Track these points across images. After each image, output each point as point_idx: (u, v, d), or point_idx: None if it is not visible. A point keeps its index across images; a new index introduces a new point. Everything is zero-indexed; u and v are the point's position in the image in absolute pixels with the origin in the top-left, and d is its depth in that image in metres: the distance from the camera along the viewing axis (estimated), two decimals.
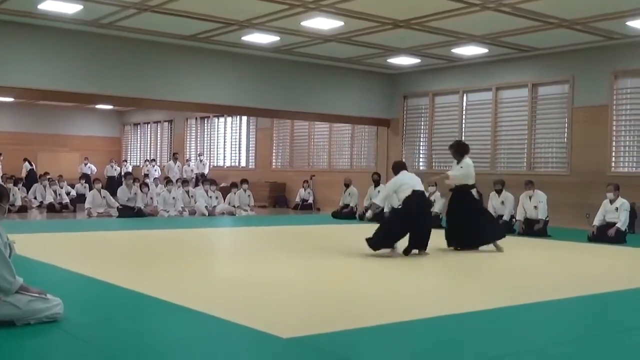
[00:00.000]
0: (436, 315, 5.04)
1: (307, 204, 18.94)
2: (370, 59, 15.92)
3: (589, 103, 13.90)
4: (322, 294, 5.95)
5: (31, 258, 7.50)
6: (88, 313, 4.93)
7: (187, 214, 15.73)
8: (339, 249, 9.43)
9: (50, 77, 13.23)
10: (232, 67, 15.44)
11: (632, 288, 6.57)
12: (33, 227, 12.48)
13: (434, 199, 13.14)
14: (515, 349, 4.17)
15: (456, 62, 15.91)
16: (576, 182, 13.90)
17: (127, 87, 14.07)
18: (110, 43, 13.70)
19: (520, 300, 5.72)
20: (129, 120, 28.73)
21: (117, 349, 3.91)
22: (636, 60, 13.21)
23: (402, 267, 7.62)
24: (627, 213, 11.10)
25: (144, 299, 5.41)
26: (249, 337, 4.30)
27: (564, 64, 14.29)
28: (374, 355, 3.94)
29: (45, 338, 4.14)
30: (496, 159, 15.75)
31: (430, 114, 17.15)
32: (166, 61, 14.49)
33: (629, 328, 5.00)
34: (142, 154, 27.95)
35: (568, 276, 7.42)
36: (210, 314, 4.82)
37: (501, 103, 15.71)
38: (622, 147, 13.71)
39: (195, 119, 24.80)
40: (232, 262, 8.31)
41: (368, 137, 18.97)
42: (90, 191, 15.94)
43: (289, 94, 16.21)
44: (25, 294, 4.34)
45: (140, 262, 7.82)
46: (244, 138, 22.91)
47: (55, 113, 26.34)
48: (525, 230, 11.97)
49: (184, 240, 10.47)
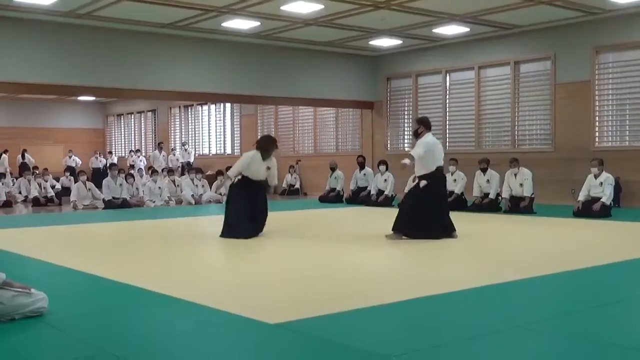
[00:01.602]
0: (422, 295, 5.05)
1: (294, 189, 18.94)
2: (351, 41, 15.86)
3: (572, 79, 13.93)
4: (309, 279, 5.94)
5: (16, 253, 7.45)
6: (74, 306, 4.90)
7: (173, 203, 15.67)
8: (326, 234, 9.44)
9: (29, 70, 13.10)
10: (213, 54, 15.34)
11: (618, 261, 6.62)
12: (18, 221, 12.40)
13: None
14: (501, 326, 4.19)
15: (438, 42, 15.88)
16: (561, 158, 13.96)
17: (108, 78, 13.95)
18: (89, 34, 13.56)
19: (506, 277, 5.75)
20: (112, 111, 28.54)
21: (104, 341, 3.89)
22: (617, 35, 13.23)
23: (387, 250, 7.63)
24: (612, 187, 11.18)
25: (131, 291, 5.38)
26: (236, 324, 4.29)
27: (546, 40, 14.30)
28: (361, 337, 3.95)
29: (30, 333, 4.11)
30: (481, 137, 15.78)
31: (414, 95, 17.14)
32: (146, 50, 14.37)
33: (613, 301, 5.03)
34: (127, 145, 27.80)
35: (554, 252, 7.47)
36: (197, 302, 4.80)
37: (484, 81, 15.72)
38: (605, 121, 13.76)
39: (178, 107, 24.67)
40: (219, 250, 8.29)
41: (352, 120, 18.95)
42: (75, 184, 15.84)
43: (272, 79, 16.14)
44: (9, 289, 4.29)
45: (126, 254, 7.79)
46: (228, 125, 22.82)
47: (38, 106, 26.13)
48: (511, 207, 12.04)
49: (171, 230, 10.44)
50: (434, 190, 8.44)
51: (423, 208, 8.32)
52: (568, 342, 3.86)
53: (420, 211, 8.31)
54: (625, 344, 3.79)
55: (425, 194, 8.39)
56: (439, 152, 8.53)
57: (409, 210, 8.41)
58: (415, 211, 8.33)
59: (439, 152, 8.53)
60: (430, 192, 8.39)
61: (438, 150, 8.52)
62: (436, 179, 8.49)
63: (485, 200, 12.52)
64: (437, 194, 8.52)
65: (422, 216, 8.28)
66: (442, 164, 8.52)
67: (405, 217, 8.36)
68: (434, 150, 8.41)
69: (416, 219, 8.27)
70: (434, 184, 8.43)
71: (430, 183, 8.39)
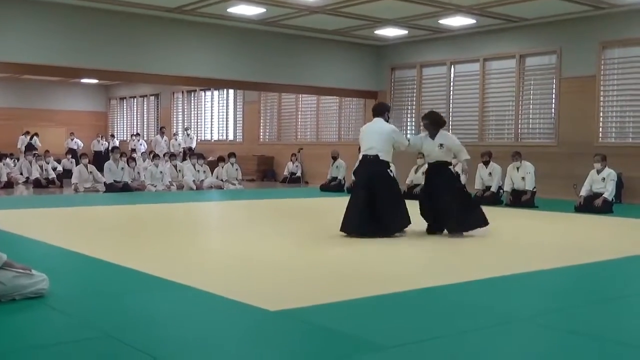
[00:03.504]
0: (423, 286, 5.05)
1: (296, 177, 18.94)
2: (357, 30, 15.80)
3: (577, 74, 13.88)
4: (310, 267, 5.95)
5: (17, 234, 7.46)
6: (74, 288, 4.91)
7: (174, 188, 15.68)
8: (327, 222, 9.42)
9: (33, 51, 13.04)
10: (218, 40, 15.29)
11: (618, 257, 6.61)
12: (19, 202, 12.41)
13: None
14: (500, 319, 4.19)
15: (443, 33, 15.82)
16: (563, 153, 13.93)
17: (112, 61, 13.90)
18: (94, 16, 13.50)
19: (507, 270, 5.74)
20: (115, 95, 28.49)
21: (104, 323, 3.90)
22: (624, 30, 13.18)
23: (390, 241, 7.62)
24: (614, 183, 11.16)
25: (131, 274, 5.39)
26: (237, 310, 4.29)
27: (552, 34, 14.24)
28: (361, 326, 3.94)
29: (31, 314, 4.11)
30: (484, 130, 15.75)
31: (418, 86, 17.09)
32: (152, 34, 14.32)
33: (614, 297, 5.04)
34: (129, 129, 27.78)
35: (554, 246, 7.46)
36: (198, 287, 4.80)
37: (489, 74, 15.68)
38: (609, 117, 13.73)
39: (182, 92, 24.62)
40: (220, 236, 8.30)
41: (355, 110, 18.91)
42: (77, 166, 15.84)
43: (276, 66, 16.09)
44: (9, 270, 4.29)
45: (127, 237, 7.79)
46: (231, 111, 22.78)
47: (40, 88, 26.07)
48: (513, 201, 12.02)
49: (172, 215, 10.44)
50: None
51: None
52: (567, 337, 3.86)
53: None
54: (625, 341, 3.79)
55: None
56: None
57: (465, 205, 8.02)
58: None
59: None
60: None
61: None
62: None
63: (486, 194, 12.50)
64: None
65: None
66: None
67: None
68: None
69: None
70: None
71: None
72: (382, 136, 7.82)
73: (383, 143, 7.79)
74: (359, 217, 7.63)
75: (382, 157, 7.78)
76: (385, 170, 7.89)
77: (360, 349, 3.53)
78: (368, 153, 7.77)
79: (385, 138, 7.83)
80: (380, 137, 7.81)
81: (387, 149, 7.83)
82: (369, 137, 7.85)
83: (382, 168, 7.80)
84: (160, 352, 3.37)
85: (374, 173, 7.77)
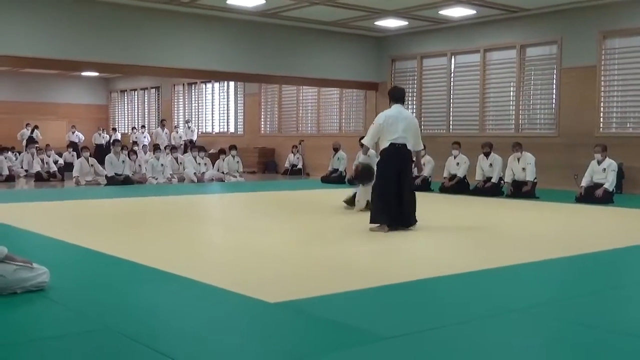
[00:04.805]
0: (421, 277, 5.07)
1: (297, 169, 18.96)
2: (357, 21, 15.78)
3: (577, 64, 13.86)
4: (310, 259, 5.96)
5: (18, 227, 7.48)
6: (75, 281, 4.93)
7: (175, 180, 15.69)
8: (328, 214, 9.45)
9: (33, 44, 13.04)
10: (218, 32, 15.27)
11: (618, 247, 6.62)
12: (20, 196, 12.43)
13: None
14: (499, 309, 4.20)
15: (444, 23, 15.79)
16: (564, 144, 13.92)
17: (112, 53, 13.90)
18: (94, 8, 13.50)
19: (505, 261, 5.76)
20: (116, 87, 28.48)
21: (105, 316, 3.92)
22: (624, 20, 13.15)
23: (390, 233, 7.62)
24: (615, 173, 11.16)
25: (132, 266, 5.41)
26: (236, 302, 4.31)
27: (552, 24, 14.21)
28: (361, 318, 3.96)
29: (32, 307, 4.13)
30: (484, 121, 15.74)
31: (418, 77, 17.07)
32: (151, 27, 14.31)
33: (613, 287, 5.05)
34: (130, 121, 27.78)
35: (555, 237, 7.47)
36: (198, 280, 4.82)
37: (489, 65, 15.66)
38: (610, 108, 13.71)
39: (182, 85, 24.61)
40: (220, 228, 8.31)
41: (356, 101, 18.90)
42: (78, 159, 15.85)
43: (276, 58, 16.08)
44: (10, 263, 4.31)
45: (128, 230, 7.81)
46: (232, 104, 22.78)
47: (41, 81, 26.07)
48: (514, 192, 12.02)
49: (173, 207, 10.46)
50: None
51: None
52: (566, 327, 3.87)
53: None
54: (624, 330, 3.80)
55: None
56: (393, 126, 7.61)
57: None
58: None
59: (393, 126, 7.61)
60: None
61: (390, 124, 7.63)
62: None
63: (487, 184, 12.50)
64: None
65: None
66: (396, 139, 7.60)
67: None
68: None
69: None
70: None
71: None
72: (410, 125, 7.65)
73: (411, 133, 7.61)
74: (394, 208, 7.46)
75: (409, 147, 7.63)
76: (411, 161, 7.82)
77: (361, 339, 3.55)
78: (397, 142, 7.51)
79: (413, 128, 7.68)
80: (409, 127, 7.62)
81: (411, 140, 7.64)
82: (399, 124, 7.54)
83: (410, 158, 7.69)
84: (161, 344, 3.39)
85: (404, 163, 7.59)
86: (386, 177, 7.54)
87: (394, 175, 7.51)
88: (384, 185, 7.58)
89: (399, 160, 7.56)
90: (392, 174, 7.51)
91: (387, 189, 7.52)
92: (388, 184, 7.53)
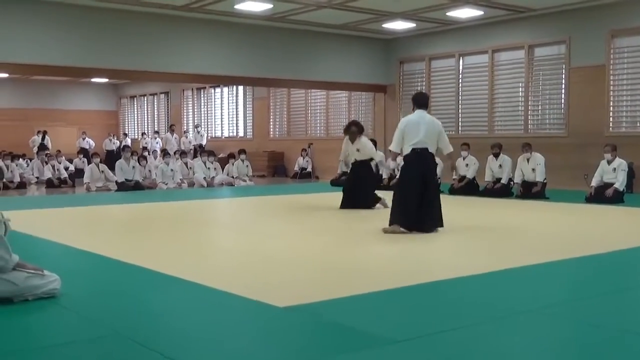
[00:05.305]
0: (432, 280, 5.06)
1: (306, 173, 18.97)
2: (365, 24, 15.79)
3: (586, 63, 13.81)
4: (320, 262, 5.97)
5: (30, 234, 7.52)
6: (87, 287, 4.95)
7: (185, 185, 15.74)
8: (337, 217, 9.45)
9: (43, 52, 13.15)
10: (226, 37, 15.33)
11: (629, 248, 6.59)
12: (32, 203, 12.49)
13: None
14: (511, 310, 4.20)
15: (452, 25, 15.78)
16: (574, 144, 13.87)
17: (121, 60, 13.98)
18: (103, 15, 13.58)
19: (517, 262, 5.74)
20: (126, 93, 28.60)
21: (116, 322, 3.94)
22: (633, 19, 13.10)
23: (395, 236, 7.62)
24: (625, 173, 11.11)
25: (143, 272, 5.43)
26: (247, 306, 4.32)
27: (560, 24, 14.18)
28: (372, 321, 3.96)
29: (43, 314, 4.16)
30: (493, 122, 15.71)
31: (427, 79, 17.06)
32: (160, 32, 14.38)
33: (625, 288, 5.02)
34: (140, 127, 27.89)
35: (566, 238, 7.45)
36: (208, 285, 4.84)
37: (498, 65, 15.63)
38: (620, 107, 13.65)
39: (191, 89, 24.69)
40: (230, 233, 8.33)
41: (365, 104, 18.91)
42: (88, 165, 15.92)
43: (284, 62, 16.11)
44: (22, 271, 4.34)
45: (138, 235, 7.84)
46: (241, 108, 22.83)
47: (51, 88, 26.22)
48: (524, 192, 11.99)
49: (183, 213, 10.48)
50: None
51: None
52: (580, 328, 3.87)
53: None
54: (637, 330, 3.78)
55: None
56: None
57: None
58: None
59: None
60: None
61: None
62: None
63: (497, 186, 12.48)
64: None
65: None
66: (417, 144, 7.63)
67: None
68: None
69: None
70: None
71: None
72: (434, 130, 7.68)
73: (433, 137, 7.66)
74: (413, 213, 7.51)
75: (430, 150, 7.68)
76: (435, 165, 7.99)
77: (371, 342, 3.55)
78: (418, 146, 7.55)
79: (436, 132, 7.71)
80: (431, 131, 7.64)
81: (434, 144, 7.71)
82: (420, 129, 7.56)
83: (433, 162, 7.80)
84: (171, 349, 3.40)
85: (428, 167, 7.66)
86: (407, 182, 7.63)
87: (416, 181, 7.56)
88: (404, 190, 7.67)
89: (421, 165, 7.61)
90: (414, 179, 7.57)
91: (408, 193, 7.59)
92: (409, 188, 7.60)
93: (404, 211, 7.54)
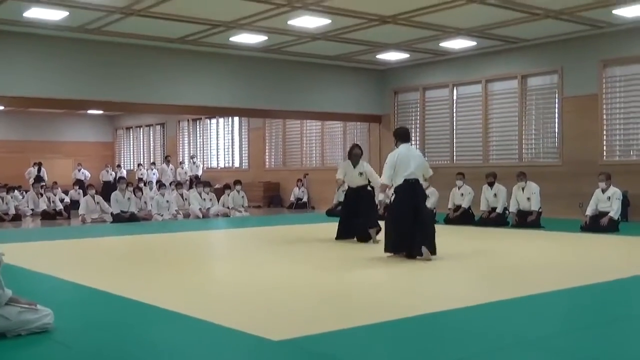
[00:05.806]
0: (426, 312, 5.05)
1: (302, 203, 18.97)
2: (359, 55, 15.92)
3: (579, 93, 13.92)
4: (316, 294, 5.95)
5: (24, 267, 7.49)
6: (80, 321, 4.92)
7: (181, 216, 15.72)
8: (332, 249, 9.44)
9: (39, 85, 13.22)
10: (221, 68, 15.44)
11: (625, 277, 6.59)
12: (26, 235, 12.46)
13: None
14: (506, 342, 4.18)
15: (445, 55, 15.92)
16: (568, 172, 13.92)
17: (117, 92, 14.06)
18: (98, 48, 13.68)
19: (513, 293, 5.73)
20: (121, 125, 28.68)
21: (109, 355, 3.91)
22: (624, 49, 13.23)
23: (391, 265, 7.62)
24: (620, 202, 11.13)
25: (136, 306, 5.40)
26: (241, 341, 4.30)
27: (553, 54, 14.32)
28: (364, 354, 3.95)
29: (37, 348, 4.14)
30: (488, 151, 15.77)
31: (421, 109, 17.16)
32: (155, 65, 14.48)
33: (621, 317, 5.01)
34: (135, 158, 27.91)
35: (561, 267, 7.44)
36: (203, 318, 4.81)
37: (491, 95, 15.74)
38: (613, 135, 13.73)
39: (187, 121, 24.77)
40: (226, 265, 8.31)
41: (360, 134, 18.98)
42: (84, 197, 15.91)
43: (279, 93, 16.21)
44: (15, 305, 4.33)
45: (132, 268, 7.81)
46: (236, 139, 22.90)
47: (47, 120, 26.29)
48: (519, 222, 12.00)
49: (178, 244, 10.46)
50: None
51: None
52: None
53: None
54: None
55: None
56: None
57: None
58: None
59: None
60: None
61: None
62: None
63: (492, 215, 12.49)
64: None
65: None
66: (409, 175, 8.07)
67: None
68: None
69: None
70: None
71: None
72: (422, 162, 8.29)
73: (421, 169, 8.24)
74: (406, 240, 7.95)
75: (420, 181, 8.25)
76: (425, 194, 8.53)
77: None
78: (410, 177, 8.03)
79: (422, 164, 8.30)
80: (421, 163, 8.26)
81: (421, 175, 8.31)
82: (410, 162, 8.07)
83: (423, 192, 8.33)
84: None
85: (418, 196, 8.11)
86: (400, 210, 8.03)
87: (407, 209, 7.98)
88: (396, 219, 8.08)
89: (413, 195, 8.06)
90: (406, 208, 7.99)
91: (400, 222, 8.00)
92: (401, 217, 7.99)
93: (397, 240, 8.03)
